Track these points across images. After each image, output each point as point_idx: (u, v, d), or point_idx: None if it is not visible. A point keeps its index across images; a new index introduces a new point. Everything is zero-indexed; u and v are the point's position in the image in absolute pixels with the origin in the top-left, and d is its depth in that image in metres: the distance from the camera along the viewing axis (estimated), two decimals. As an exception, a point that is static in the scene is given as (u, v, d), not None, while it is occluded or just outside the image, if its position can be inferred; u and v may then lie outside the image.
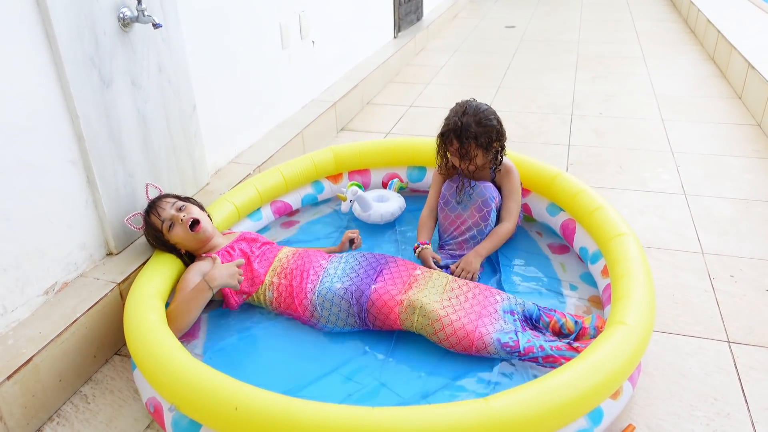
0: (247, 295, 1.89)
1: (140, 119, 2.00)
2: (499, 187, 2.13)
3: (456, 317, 1.69)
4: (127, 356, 1.80)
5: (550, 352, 1.61)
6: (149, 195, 1.97)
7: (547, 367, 1.61)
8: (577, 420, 1.37)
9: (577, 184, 2.16)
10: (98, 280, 1.83)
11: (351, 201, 2.30)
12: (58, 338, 1.60)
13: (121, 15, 1.85)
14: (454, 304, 1.73)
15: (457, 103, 2.07)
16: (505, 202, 2.12)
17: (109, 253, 1.96)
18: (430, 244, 2.10)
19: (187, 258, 1.93)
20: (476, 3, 7.74)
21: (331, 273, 1.88)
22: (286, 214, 2.49)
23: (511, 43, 5.54)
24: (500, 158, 2.09)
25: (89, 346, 1.71)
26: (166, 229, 1.87)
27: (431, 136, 2.27)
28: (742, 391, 1.61)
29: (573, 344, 1.64)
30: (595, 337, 1.67)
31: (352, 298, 1.78)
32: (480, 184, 2.08)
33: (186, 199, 1.97)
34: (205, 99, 2.41)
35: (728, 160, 2.99)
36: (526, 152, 2.57)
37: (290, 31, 3.12)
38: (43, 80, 1.65)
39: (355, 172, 2.60)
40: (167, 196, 1.96)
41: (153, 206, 1.91)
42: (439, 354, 1.70)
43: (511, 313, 1.75)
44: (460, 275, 1.97)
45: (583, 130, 3.42)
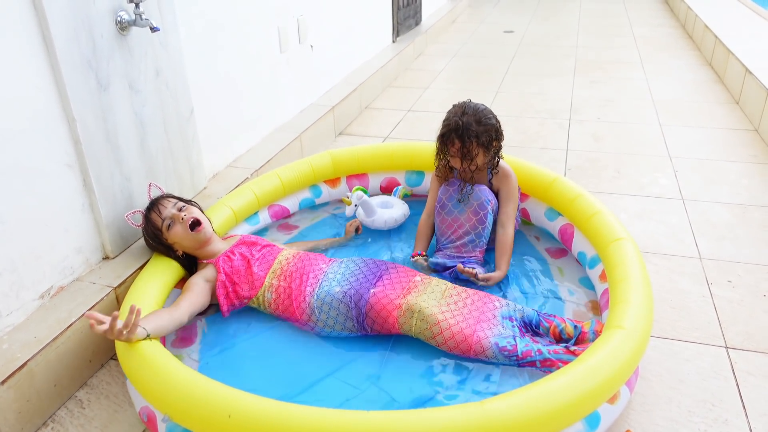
0: (247, 300, 1.88)
1: (137, 122, 2.00)
2: (495, 190, 2.13)
3: (454, 321, 1.69)
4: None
5: (547, 355, 1.61)
6: (151, 194, 1.97)
7: (545, 371, 1.60)
8: (574, 424, 1.36)
9: (575, 189, 2.16)
10: (94, 284, 1.82)
11: (356, 205, 2.30)
12: (54, 342, 1.59)
13: (119, 18, 1.85)
14: (453, 310, 1.73)
15: (454, 105, 2.07)
16: (504, 205, 2.11)
17: (106, 257, 1.96)
18: (426, 254, 2.11)
19: (183, 260, 1.92)
20: (475, 8, 7.76)
21: (331, 277, 1.87)
22: (283, 218, 2.48)
23: (510, 48, 5.55)
24: (497, 159, 2.10)
25: (85, 351, 1.70)
26: (165, 228, 1.86)
27: (429, 141, 2.27)
28: (740, 396, 1.61)
29: (571, 348, 1.64)
30: (593, 341, 1.67)
31: (351, 302, 1.77)
32: (476, 187, 2.08)
33: (187, 201, 1.97)
34: (202, 102, 2.41)
35: (726, 165, 3.00)
36: (524, 157, 2.58)
37: (288, 36, 3.13)
38: (39, 83, 1.64)
39: (353, 176, 2.60)
40: (169, 196, 1.96)
41: (154, 204, 1.91)
42: (435, 358, 1.70)
43: (510, 319, 1.74)
44: (482, 282, 1.97)
45: (581, 135, 3.43)
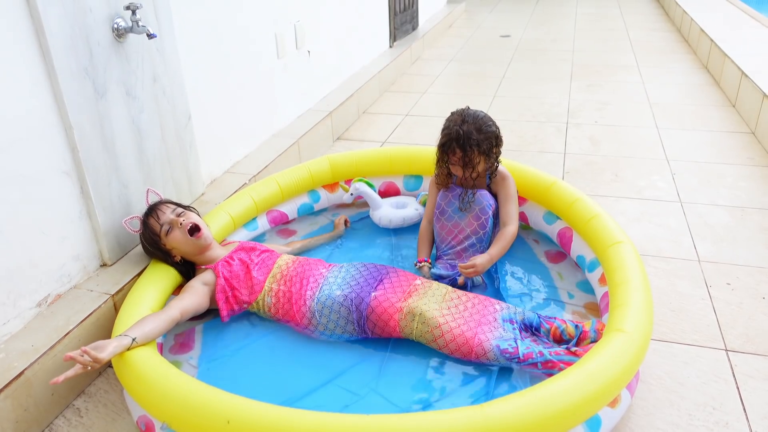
0: (247, 304, 1.88)
1: (135, 129, 2.00)
2: (494, 193, 2.13)
3: (455, 324, 1.69)
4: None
5: (549, 357, 1.61)
6: (149, 200, 1.96)
7: (547, 372, 1.60)
8: (575, 428, 1.36)
9: (574, 193, 2.16)
10: (92, 292, 1.81)
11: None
12: (51, 351, 1.58)
13: (116, 25, 1.85)
14: (454, 313, 1.73)
15: (452, 113, 2.07)
16: (505, 206, 2.10)
17: (103, 264, 1.95)
18: (430, 260, 2.10)
19: (181, 266, 1.92)
20: (471, 13, 7.79)
21: (332, 281, 1.87)
22: (282, 224, 2.48)
23: (506, 53, 5.57)
24: (497, 164, 2.10)
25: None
26: (164, 233, 1.86)
27: (427, 145, 2.27)
28: (741, 399, 1.60)
29: (572, 349, 1.64)
30: (595, 340, 1.67)
31: (352, 305, 1.77)
32: (477, 192, 2.07)
33: (186, 207, 1.96)
34: (200, 109, 2.41)
35: (723, 167, 3.00)
36: (522, 161, 2.58)
37: (286, 41, 3.13)
38: (36, 90, 1.64)
39: (351, 181, 2.60)
40: (167, 201, 1.95)
41: (153, 210, 1.90)
42: (435, 362, 1.70)
43: (511, 322, 1.74)
44: (465, 271, 1.91)
45: (579, 139, 3.43)
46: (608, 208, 2.56)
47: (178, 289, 1.91)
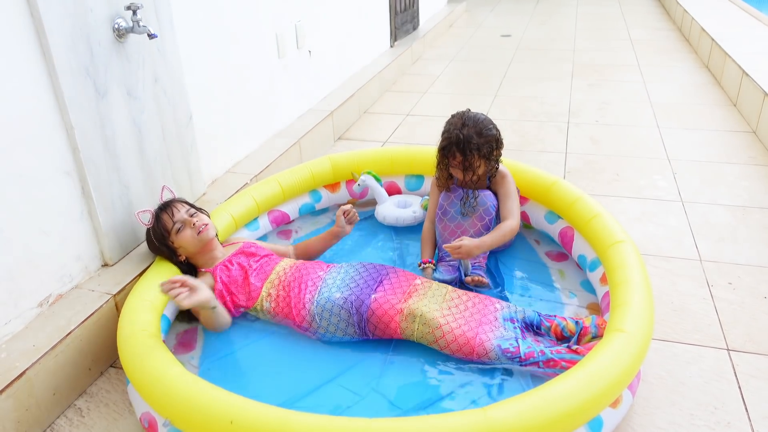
0: (244, 309, 1.88)
1: (135, 129, 2.00)
2: (494, 191, 2.13)
3: (456, 325, 1.68)
4: (123, 368, 1.78)
5: (550, 356, 1.61)
6: (163, 197, 1.97)
7: (549, 371, 1.60)
8: (577, 429, 1.36)
9: (575, 192, 2.16)
10: (93, 292, 1.81)
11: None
12: (52, 351, 1.59)
13: (116, 26, 1.85)
14: (454, 313, 1.73)
15: (453, 116, 2.06)
16: (505, 202, 2.09)
17: (105, 264, 1.95)
18: (434, 261, 2.09)
19: (184, 267, 1.92)
20: (472, 12, 7.78)
21: (330, 283, 1.87)
22: (284, 224, 2.48)
23: (507, 52, 5.56)
24: (497, 166, 2.09)
25: (84, 359, 1.69)
26: (174, 231, 1.86)
27: (428, 145, 2.27)
28: (742, 399, 1.60)
29: (573, 347, 1.63)
30: (596, 336, 1.67)
31: (352, 308, 1.77)
32: (480, 194, 2.07)
33: (198, 209, 1.97)
34: (201, 109, 2.41)
35: (724, 167, 3.00)
36: (523, 160, 2.58)
37: (286, 41, 3.13)
38: (37, 91, 1.64)
39: (353, 181, 2.60)
40: (182, 201, 1.96)
41: (168, 206, 1.91)
42: (436, 364, 1.69)
43: (511, 321, 1.74)
44: (452, 251, 1.87)
45: (580, 138, 3.43)
46: (609, 208, 2.56)
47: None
